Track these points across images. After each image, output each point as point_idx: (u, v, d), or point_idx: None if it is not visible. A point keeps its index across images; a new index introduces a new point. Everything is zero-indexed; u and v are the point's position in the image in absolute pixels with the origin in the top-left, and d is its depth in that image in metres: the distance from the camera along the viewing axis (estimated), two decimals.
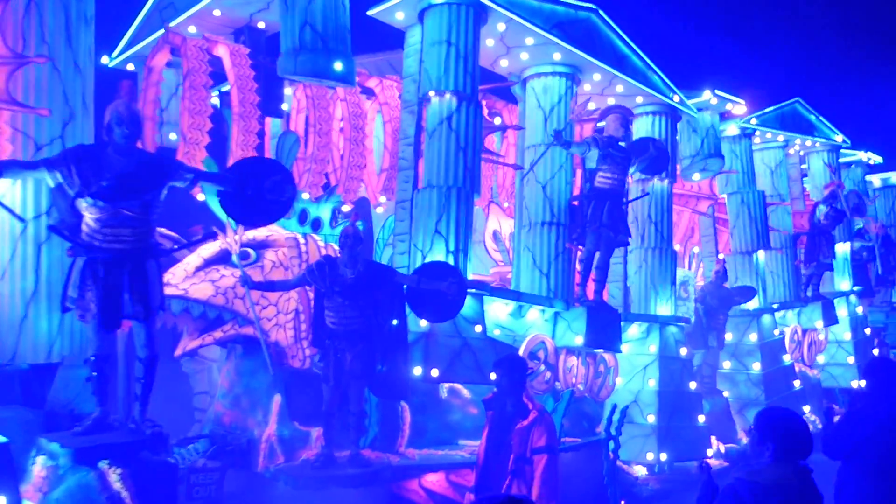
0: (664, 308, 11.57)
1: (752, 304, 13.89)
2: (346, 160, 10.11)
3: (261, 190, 6.42)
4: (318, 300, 7.50)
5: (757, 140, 15.54)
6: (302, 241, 8.48)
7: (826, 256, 15.15)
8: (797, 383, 13.89)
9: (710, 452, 11.19)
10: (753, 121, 14.53)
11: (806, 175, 17.53)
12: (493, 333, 9.27)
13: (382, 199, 10.69)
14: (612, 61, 10.89)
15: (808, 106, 16.14)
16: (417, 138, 9.21)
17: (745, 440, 12.02)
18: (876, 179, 20.88)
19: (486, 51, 10.30)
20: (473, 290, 8.64)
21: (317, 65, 7.67)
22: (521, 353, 9.31)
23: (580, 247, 10.06)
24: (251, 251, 8.07)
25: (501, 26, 9.68)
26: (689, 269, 15.36)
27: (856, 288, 16.89)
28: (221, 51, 8.96)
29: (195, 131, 8.53)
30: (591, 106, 11.75)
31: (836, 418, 5.67)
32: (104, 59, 9.94)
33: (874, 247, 18.06)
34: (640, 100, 11.83)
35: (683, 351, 11.67)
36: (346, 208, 9.48)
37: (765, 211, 14.40)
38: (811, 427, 4.21)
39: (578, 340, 9.55)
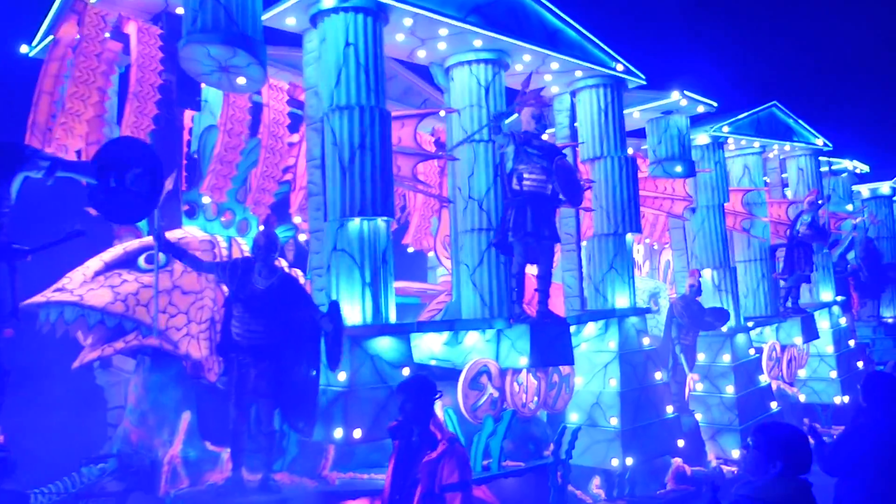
0: (622, 299, 10.77)
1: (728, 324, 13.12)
2: (260, 169, 9.19)
3: (122, 181, 5.68)
4: (228, 305, 7.09)
5: (731, 146, 14.69)
6: (223, 243, 7.87)
7: (803, 269, 14.34)
8: (774, 405, 13.20)
9: (676, 462, 10.59)
10: (726, 128, 13.62)
11: (787, 185, 16.69)
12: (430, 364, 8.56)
13: (297, 219, 9.75)
14: (541, 39, 9.81)
15: (786, 109, 15.27)
16: (323, 160, 8.24)
17: (714, 462, 11.44)
18: (864, 189, 20.09)
19: (397, 46, 9.25)
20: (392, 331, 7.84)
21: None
22: (461, 383, 8.59)
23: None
24: (160, 254, 7.52)
25: (408, 21, 8.60)
26: (662, 277, 14.66)
27: (838, 298, 16.16)
28: (131, 28, 8.26)
29: (77, 101, 7.86)
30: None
31: (828, 438, 5.65)
32: (23, 49, 9.13)
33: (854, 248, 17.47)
34: (579, 74, 10.77)
35: (646, 340, 10.94)
36: None
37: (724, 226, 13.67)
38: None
39: (522, 361, 8.78)
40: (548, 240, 8.92)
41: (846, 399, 14.87)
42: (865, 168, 18.35)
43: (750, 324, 13.67)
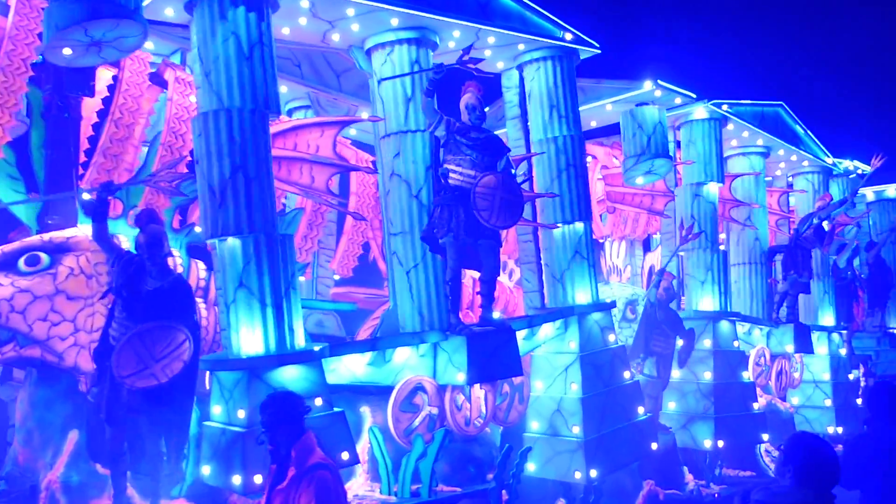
0: (583, 294, 9.79)
1: (709, 307, 12.08)
2: (156, 167, 8.10)
3: None
4: (113, 304, 6.45)
5: (734, 142, 13.55)
6: (126, 243, 7.16)
7: (801, 273, 13.28)
8: (757, 405, 12.18)
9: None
10: (725, 106, 12.43)
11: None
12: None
13: (198, 229, 8.76)
14: (470, 11, 8.77)
15: (794, 114, 14.07)
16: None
17: (692, 485, 10.52)
18: (869, 192, 18.87)
19: (304, 31, 8.24)
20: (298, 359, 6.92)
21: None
22: (391, 406, 7.70)
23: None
24: (43, 255, 7.03)
25: (305, 3, 7.56)
26: (645, 284, 13.67)
27: (842, 324, 15.22)
28: None
29: None
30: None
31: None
32: None
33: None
34: (522, 47, 9.69)
35: (611, 338, 9.99)
36: None
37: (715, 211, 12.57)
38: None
39: (460, 378, 7.86)
40: (486, 240, 7.95)
41: (840, 430, 13.95)
42: (868, 168, 17.18)
43: (736, 321, 12.62)
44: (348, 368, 7.51)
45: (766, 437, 12.09)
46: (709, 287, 12.18)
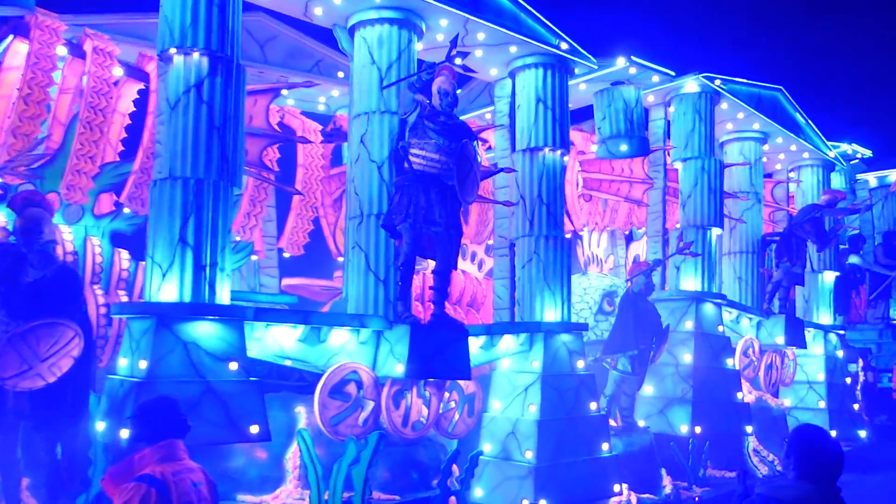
0: (552, 312, 9.17)
1: (692, 287, 11.41)
2: (75, 147, 7.68)
3: None
4: None
5: (729, 126, 13.08)
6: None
7: (795, 262, 12.60)
8: (741, 395, 11.39)
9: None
10: (718, 81, 11.98)
11: (793, 196, 15.05)
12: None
13: (127, 210, 8.17)
14: (462, 1, 8.46)
15: (794, 101, 13.61)
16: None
17: (669, 488, 9.68)
18: (871, 178, 18.35)
19: (286, 1, 8.00)
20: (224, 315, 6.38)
21: None
22: (319, 390, 7.07)
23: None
24: None
25: None
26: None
27: (839, 323, 14.41)
28: None
29: None
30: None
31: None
32: None
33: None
34: (514, 49, 9.37)
35: (580, 364, 9.30)
36: None
37: (722, 183, 11.92)
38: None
39: (398, 370, 7.24)
40: (445, 230, 7.45)
41: (834, 433, 12.92)
42: (868, 153, 16.50)
43: (721, 301, 11.86)
44: (276, 340, 6.93)
45: (749, 429, 11.27)
46: (693, 265, 11.49)
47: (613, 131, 10.40)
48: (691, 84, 11.74)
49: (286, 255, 9.28)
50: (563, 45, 9.48)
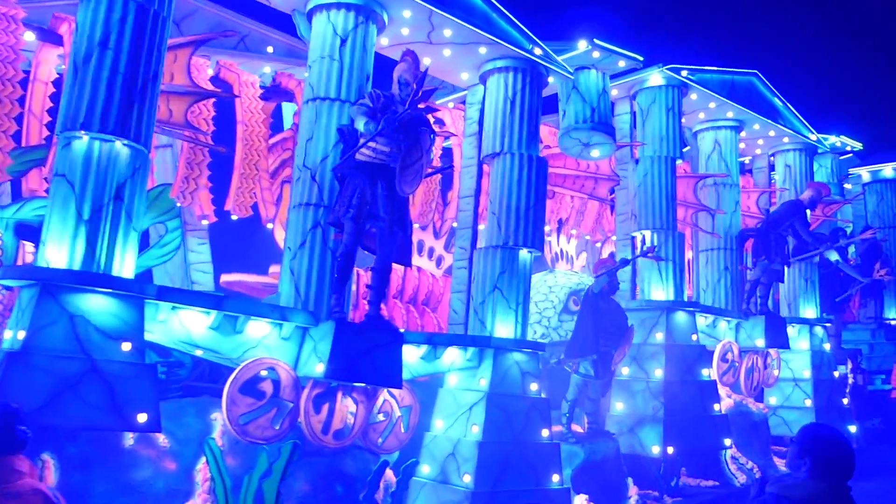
0: (506, 328, 8.57)
1: (662, 296, 10.75)
2: None
3: None
4: None
5: (701, 115, 12.49)
6: None
7: (773, 259, 11.87)
8: (718, 406, 10.63)
9: None
10: (685, 72, 11.43)
11: (773, 183, 14.35)
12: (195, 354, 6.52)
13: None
14: None
15: (771, 85, 12.98)
16: None
17: (634, 498, 8.96)
18: (864, 172, 17.52)
19: None
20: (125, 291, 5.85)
21: None
22: (229, 385, 6.50)
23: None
24: None
25: None
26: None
27: (827, 318, 13.60)
28: None
29: None
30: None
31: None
32: None
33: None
34: (483, 51, 8.95)
35: (534, 386, 8.64)
36: None
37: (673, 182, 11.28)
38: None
39: (319, 369, 6.65)
40: (388, 225, 6.94)
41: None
42: (858, 145, 15.74)
43: (693, 310, 11.13)
44: (184, 325, 6.37)
45: (728, 441, 10.45)
46: (659, 273, 10.76)
47: (577, 119, 9.83)
48: (656, 76, 11.25)
49: (234, 217, 8.68)
50: (537, 51, 9.06)
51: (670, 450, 9.64)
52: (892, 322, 16.46)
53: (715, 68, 11.88)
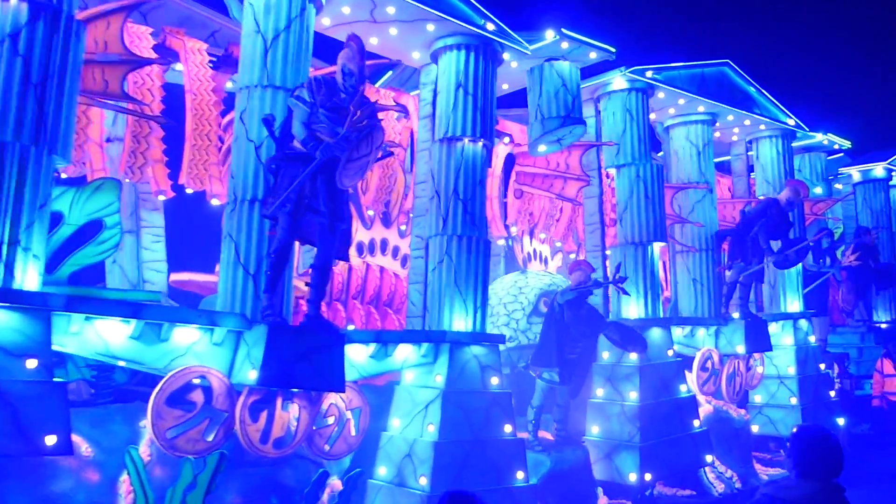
0: (462, 321, 8.16)
1: (635, 314, 10.33)
2: None
3: None
4: None
5: (671, 111, 12.00)
6: None
7: (750, 260, 11.41)
8: (697, 423, 10.24)
9: None
10: (649, 73, 10.92)
11: (753, 170, 13.90)
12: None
13: None
14: None
15: (743, 73, 12.50)
16: None
17: None
18: (854, 172, 17.09)
19: None
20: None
21: None
22: (155, 395, 6.09)
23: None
24: None
25: None
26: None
27: (808, 312, 13.20)
28: None
29: None
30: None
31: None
32: None
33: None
34: (431, 28, 8.44)
35: (494, 380, 8.25)
36: None
37: (662, 190, 10.82)
38: None
39: (251, 376, 6.24)
40: (329, 220, 6.49)
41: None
42: (847, 143, 15.27)
43: (673, 326, 10.80)
44: (101, 336, 5.95)
45: (709, 458, 10.12)
46: (633, 289, 10.30)
47: (545, 111, 9.36)
48: (619, 80, 10.78)
49: (189, 190, 8.23)
50: (490, 26, 8.55)
51: (648, 476, 9.22)
52: (882, 325, 16.07)
53: (682, 64, 11.43)
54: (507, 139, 10.58)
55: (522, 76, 9.71)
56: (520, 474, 8.12)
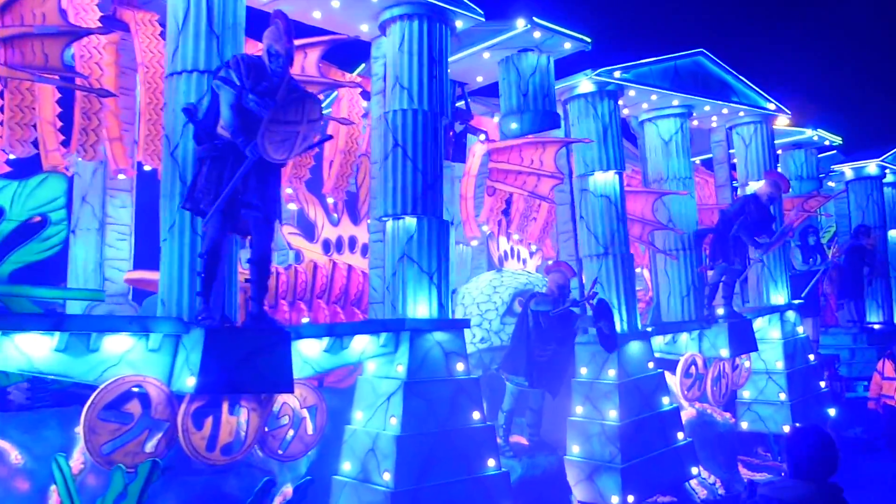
0: (424, 307, 7.80)
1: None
2: None
3: None
4: None
5: (644, 105, 11.55)
6: None
7: (732, 260, 11.02)
8: (681, 435, 9.88)
9: None
10: (618, 73, 10.44)
11: (734, 160, 13.49)
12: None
13: None
14: None
15: (720, 61, 12.02)
16: None
17: None
18: (847, 170, 16.69)
19: None
20: None
21: None
22: (87, 409, 5.75)
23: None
24: None
25: None
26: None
27: (795, 301, 12.84)
28: None
29: None
30: None
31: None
32: None
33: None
34: None
35: (460, 366, 7.92)
36: None
37: (622, 198, 10.38)
38: None
39: (190, 383, 5.88)
40: (263, 213, 6.10)
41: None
42: (837, 139, 14.89)
43: (650, 328, 10.47)
44: (22, 351, 5.58)
45: (695, 470, 9.81)
46: (612, 302, 9.87)
47: (516, 103, 8.97)
48: (585, 84, 10.28)
49: (147, 168, 7.87)
50: None
51: (631, 498, 8.86)
52: (875, 326, 15.74)
53: (653, 59, 10.92)
54: (482, 136, 10.20)
55: (486, 68, 9.48)
56: (491, 462, 7.83)
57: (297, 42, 7.08)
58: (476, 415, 7.87)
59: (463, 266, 11.25)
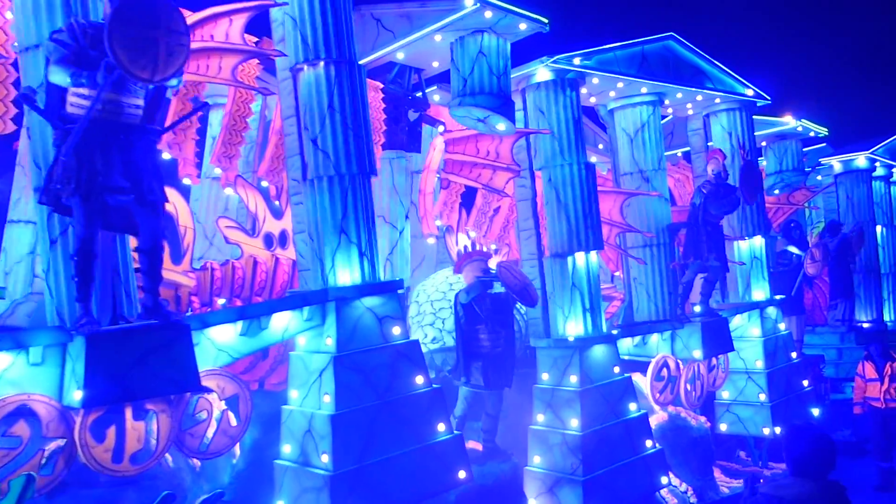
0: (347, 273, 7.19)
1: (574, 331, 9.29)
2: None
3: None
4: None
5: (612, 94, 10.69)
6: None
7: (706, 257, 10.40)
8: (649, 443, 9.31)
9: None
10: (577, 59, 9.56)
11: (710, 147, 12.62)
12: None
13: None
14: None
15: (691, 45, 11.06)
16: None
17: None
18: (836, 163, 15.96)
19: None
20: None
21: None
22: None
23: None
24: None
25: None
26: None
27: (777, 297, 12.26)
28: None
29: None
30: None
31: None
32: None
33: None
34: None
35: (397, 331, 7.38)
36: None
37: (594, 190, 9.58)
38: None
39: (77, 396, 5.33)
40: (137, 195, 5.46)
41: (778, 431, 11.12)
42: (823, 130, 14.13)
43: (615, 331, 9.92)
44: None
45: (665, 479, 9.31)
46: (569, 303, 9.32)
47: (468, 85, 8.23)
48: (543, 71, 9.43)
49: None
50: None
51: None
52: (864, 325, 15.07)
53: (617, 44, 10.03)
54: (441, 128, 9.41)
55: (440, 52, 8.76)
56: (441, 426, 7.39)
57: (222, 8, 6.67)
58: (419, 379, 7.38)
59: (427, 261, 10.66)
